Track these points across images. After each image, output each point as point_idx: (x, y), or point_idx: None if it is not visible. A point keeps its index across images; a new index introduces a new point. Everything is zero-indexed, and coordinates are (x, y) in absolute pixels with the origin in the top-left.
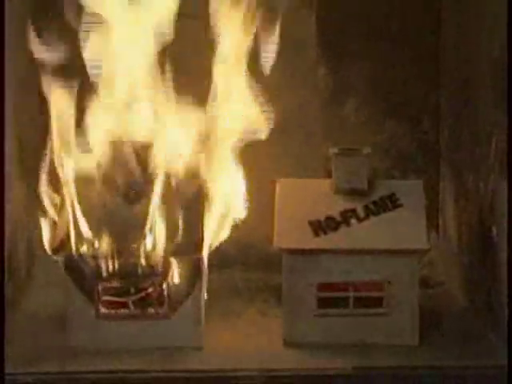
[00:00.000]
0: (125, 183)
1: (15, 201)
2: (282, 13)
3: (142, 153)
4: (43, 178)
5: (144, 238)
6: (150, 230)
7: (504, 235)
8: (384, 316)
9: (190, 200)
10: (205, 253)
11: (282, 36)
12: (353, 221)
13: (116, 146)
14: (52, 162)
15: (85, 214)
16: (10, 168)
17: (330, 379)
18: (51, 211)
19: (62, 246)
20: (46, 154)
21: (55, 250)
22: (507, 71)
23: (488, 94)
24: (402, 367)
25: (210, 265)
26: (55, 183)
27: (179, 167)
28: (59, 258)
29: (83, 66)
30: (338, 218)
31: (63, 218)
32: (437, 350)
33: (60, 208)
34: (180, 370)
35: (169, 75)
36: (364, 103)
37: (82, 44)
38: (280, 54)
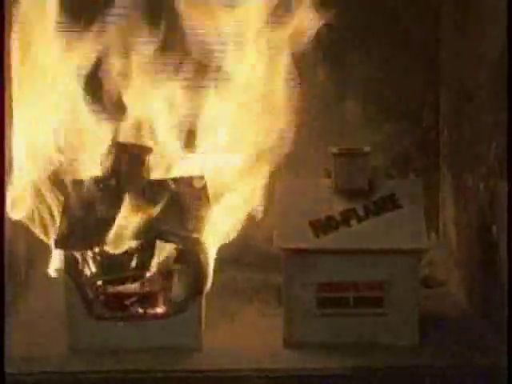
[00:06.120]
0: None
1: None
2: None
3: (143, 155)
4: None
5: (144, 239)
6: (151, 230)
7: (504, 235)
8: (384, 316)
9: (192, 200)
10: (206, 252)
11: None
12: (353, 221)
13: (117, 147)
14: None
15: (85, 213)
16: (10, 167)
17: (330, 379)
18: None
19: (63, 239)
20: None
21: (58, 244)
22: (507, 71)
23: (488, 93)
24: (401, 367)
25: None
26: (56, 183)
27: (182, 169)
28: (59, 258)
29: None
30: (338, 218)
31: (63, 215)
32: (437, 350)
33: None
34: (180, 370)
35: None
36: (364, 103)
37: None
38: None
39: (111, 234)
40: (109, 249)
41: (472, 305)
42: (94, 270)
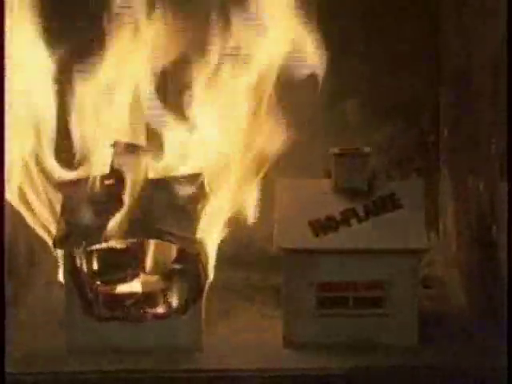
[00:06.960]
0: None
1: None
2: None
3: (142, 155)
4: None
5: (143, 238)
6: (149, 230)
7: (504, 235)
8: (384, 316)
9: (190, 199)
10: (206, 252)
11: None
12: (353, 221)
13: (116, 147)
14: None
15: (83, 213)
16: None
17: (330, 379)
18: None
19: (62, 239)
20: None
21: (57, 244)
22: (507, 71)
23: (488, 94)
24: (401, 367)
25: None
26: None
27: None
28: (59, 257)
29: None
30: (338, 218)
31: (62, 215)
32: (437, 350)
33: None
34: (180, 370)
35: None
36: (364, 103)
37: None
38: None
39: (110, 234)
40: (107, 248)
41: (472, 305)
42: (92, 269)
